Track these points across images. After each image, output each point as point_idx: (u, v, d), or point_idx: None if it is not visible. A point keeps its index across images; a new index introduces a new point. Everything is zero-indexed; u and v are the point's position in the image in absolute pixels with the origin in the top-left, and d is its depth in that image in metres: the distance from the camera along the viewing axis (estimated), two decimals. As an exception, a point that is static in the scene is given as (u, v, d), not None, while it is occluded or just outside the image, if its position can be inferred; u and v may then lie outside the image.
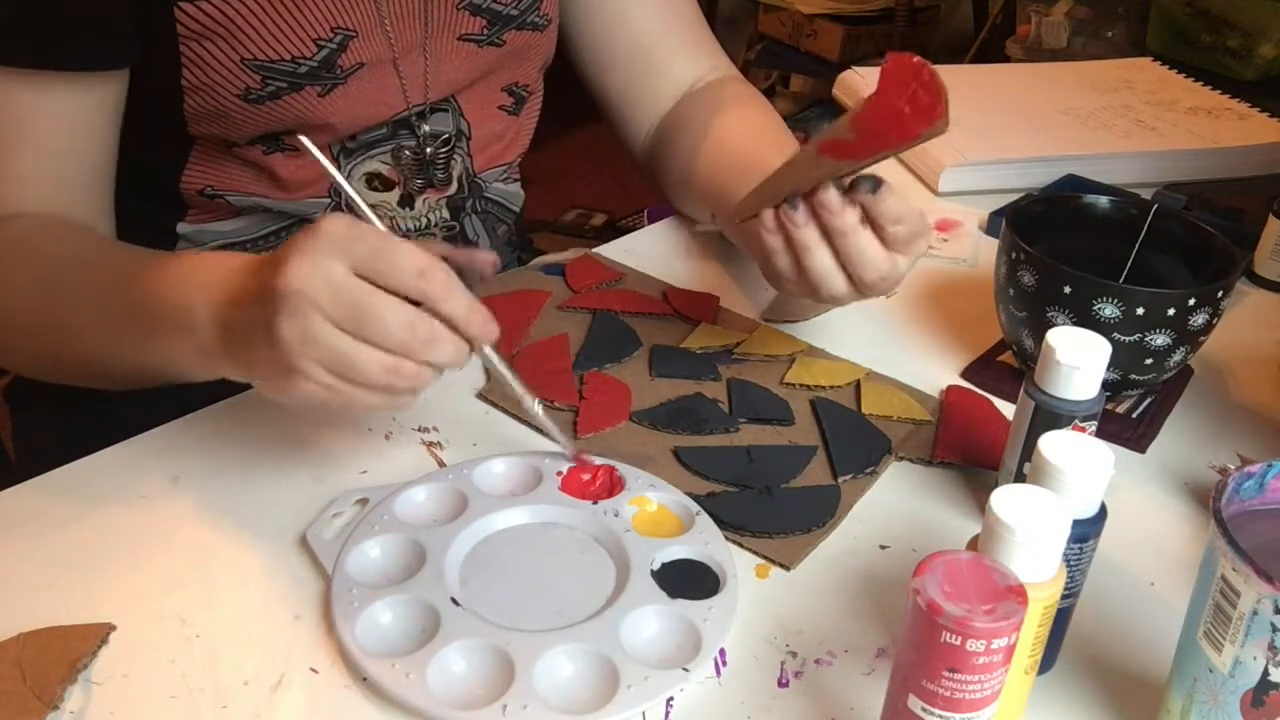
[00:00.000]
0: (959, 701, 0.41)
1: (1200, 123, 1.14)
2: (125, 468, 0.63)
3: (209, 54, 0.67)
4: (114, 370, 0.65)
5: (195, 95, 0.69)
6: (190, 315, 0.56)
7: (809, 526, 0.60)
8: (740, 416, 0.69)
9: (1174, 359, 0.67)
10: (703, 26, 0.93)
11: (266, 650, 0.52)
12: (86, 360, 0.65)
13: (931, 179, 1.04)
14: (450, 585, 0.54)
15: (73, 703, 0.49)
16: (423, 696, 0.48)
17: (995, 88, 1.22)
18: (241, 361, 0.55)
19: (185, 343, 0.57)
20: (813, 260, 0.64)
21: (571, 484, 0.62)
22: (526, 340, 0.75)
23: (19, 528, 0.59)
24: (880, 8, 2.73)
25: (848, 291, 0.65)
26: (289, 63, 0.69)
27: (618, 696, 0.49)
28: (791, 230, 0.64)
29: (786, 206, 0.63)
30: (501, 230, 0.94)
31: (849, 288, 0.65)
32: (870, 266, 0.63)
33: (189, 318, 0.56)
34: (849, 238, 0.63)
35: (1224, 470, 0.68)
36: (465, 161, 0.83)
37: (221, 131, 0.71)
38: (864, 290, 0.65)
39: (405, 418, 0.68)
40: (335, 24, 0.70)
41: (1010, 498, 0.44)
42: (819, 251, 0.64)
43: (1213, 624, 0.43)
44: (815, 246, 0.64)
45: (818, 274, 0.64)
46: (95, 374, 0.67)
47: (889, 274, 0.64)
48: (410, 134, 0.79)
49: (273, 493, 0.62)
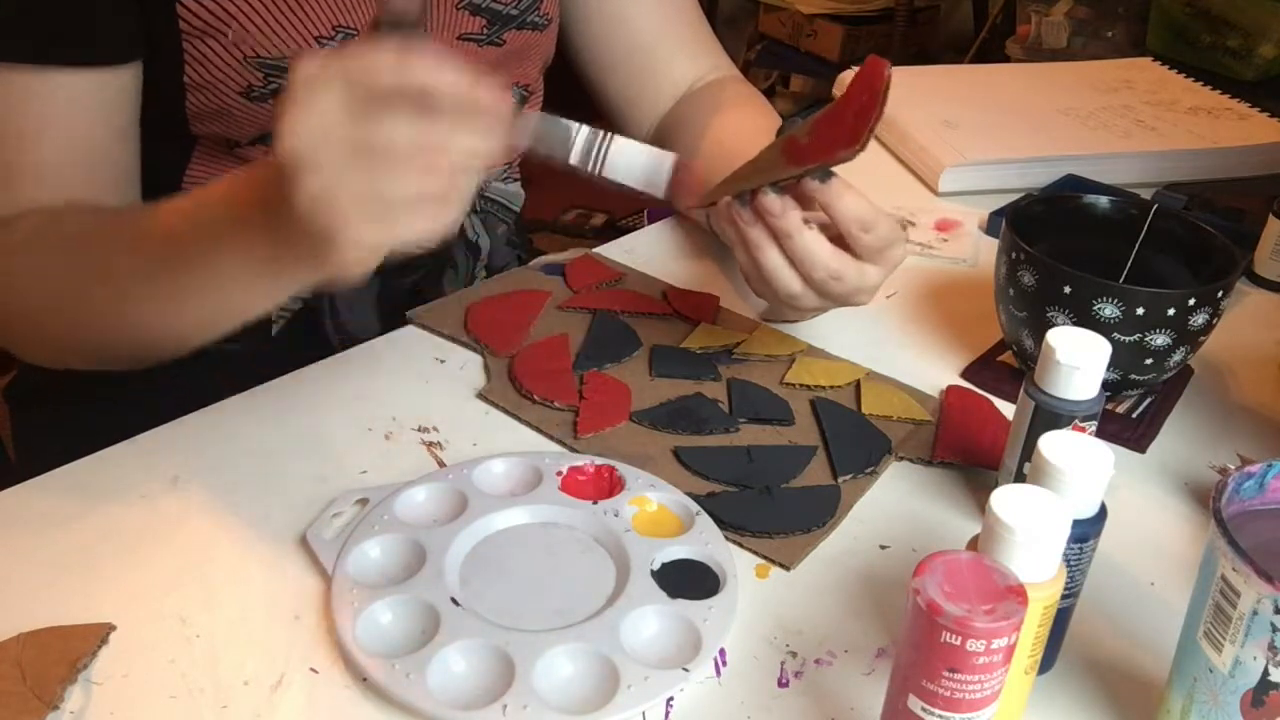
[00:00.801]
0: (959, 701, 0.41)
1: (1200, 123, 1.14)
2: (125, 468, 0.63)
3: (211, 51, 0.67)
4: (171, 332, 0.63)
5: (197, 93, 0.69)
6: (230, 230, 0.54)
7: (809, 526, 0.60)
8: (740, 416, 0.69)
9: (1174, 359, 0.67)
10: (703, 26, 0.93)
11: (266, 650, 0.52)
12: (141, 332, 0.63)
13: (931, 179, 1.04)
14: (450, 585, 0.54)
15: (73, 703, 0.49)
16: (423, 696, 0.48)
17: (995, 88, 1.22)
18: (288, 252, 0.52)
19: (237, 261, 0.55)
20: (763, 257, 0.65)
21: (571, 484, 0.62)
22: (526, 340, 0.75)
23: (19, 528, 0.59)
24: (880, 8, 2.73)
25: (803, 291, 0.65)
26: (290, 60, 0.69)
27: (618, 696, 0.49)
28: (741, 227, 0.64)
29: (736, 203, 0.64)
30: (501, 230, 0.94)
31: (803, 287, 0.65)
32: (818, 265, 0.63)
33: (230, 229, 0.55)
34: (793, 239, 0.63)
35: (1224, 470, 0.68)
36: None
37: (223, 130, 0.71)
38: (821, 292, 0.65)
39: (405, 418, 0.68)
40: (336, 22, 0.70)
41: (1010, 498, 0.44)
42: (768, 250, 0.64)
43: (1213, 624, 0.43)
44: (764, 245, 0.64)
45: (769, 271, 0.65)
46: (152, 344, 0.65)
47: (841, 274, 0.64)
48: None
49: (273, 493, 0.62)
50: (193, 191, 0.58)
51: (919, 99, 1.16)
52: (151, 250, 0.60)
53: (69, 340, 0.67)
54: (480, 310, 0.78)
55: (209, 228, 0.56)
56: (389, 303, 0.85)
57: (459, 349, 0.75)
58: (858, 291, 0.66)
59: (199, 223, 0.57)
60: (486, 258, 0.94)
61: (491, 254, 0.94)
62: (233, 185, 0.55)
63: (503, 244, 0.96)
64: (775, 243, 0.64)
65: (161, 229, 0.59)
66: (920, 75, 1.26)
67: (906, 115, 1.12)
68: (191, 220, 0.57)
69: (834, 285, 0.65)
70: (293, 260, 0.53)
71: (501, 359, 0.73)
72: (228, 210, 0.55)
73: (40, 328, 0.67)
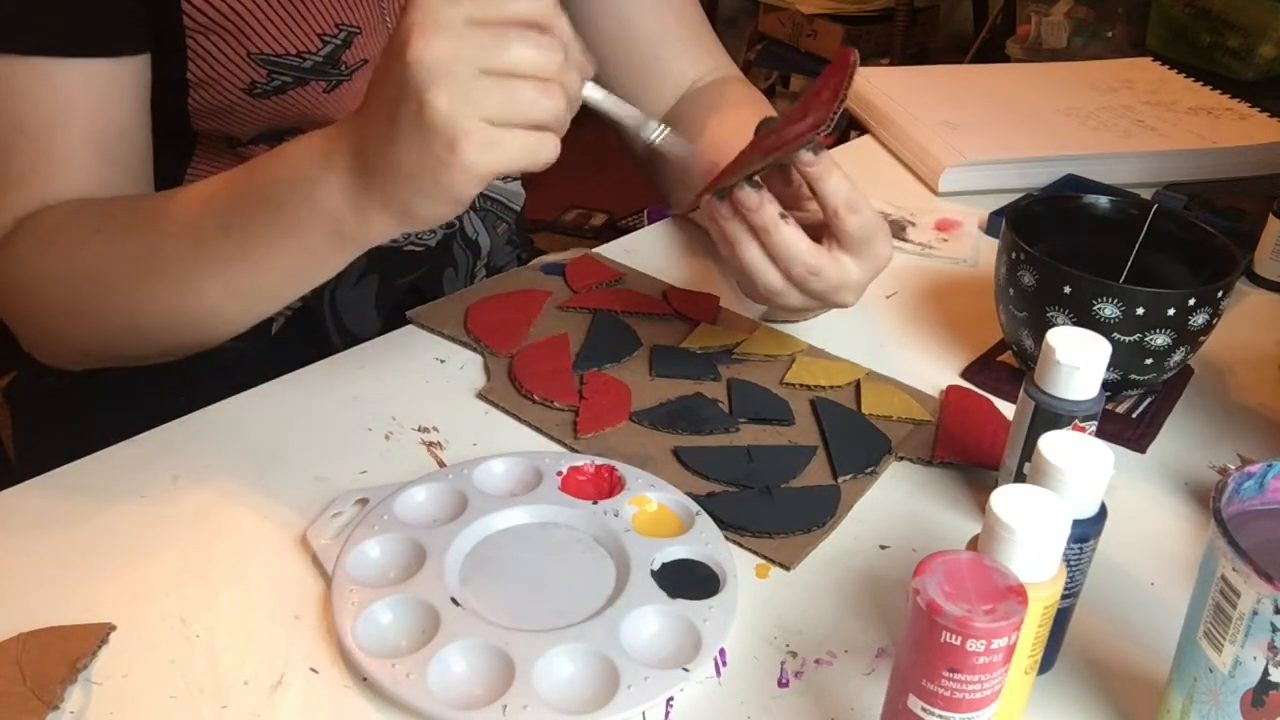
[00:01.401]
0: (959, 701, 0.41)
1: (1200, 123, 1.14)
2: (125, 468, 0.63)
3: (215, 48, 0.67)
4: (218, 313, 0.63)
5: (201, 90, 0.69)
6: (314, 170, 0.55)
7: (809, 526, 0.60)
8: (740, 416, 0.69)
9: (1174, 359, 0.67)
10: (704, 27, 0.93)
11: (266, 650, 0.52)
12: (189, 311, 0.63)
13: (931, 179, 1.04)
14: (450, 585, 0.54)
15: (73, 703, 0.49)
16: (423, 696, 0.48)
17: (995, 88, 1.22)
18: (386, 181, 0.53)
19: (315, 213, 0.55)
20: (743, 253, 0.64)
21: (571, 484, 0.62)
22: (526, 340, 0.75)
23: (19, 527, 0.59)
24: (880, 8, 2.73)
25: (785, 287, 0.65)
26: (294, 57, 0.69)
27: (618, 696, 0.49)
28: (721, 223, 0.64)
29: (714, 199, 0.63)
30: (502, 228, 0.94)
31: (784, 283, 0.65)
32: (795, 260, 0.63)
33: (316, 172, 0.55)
34: (770, 234, 0.63)
35: (1224, 470, 0.68)
36: None
37: (225, 128, 0.71)
38: (802, 288, 0.65)
39: (405, 418, 0.68)
40: (340, 20, 0.70)
41: (1010, 498, 0.44)
42: (749, 245, 0.64)
43: (1213, 624, 0.43)
44: (744, 240, 0.64)
45: (749, 267, 0.64)
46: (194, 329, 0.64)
47: (819, 269, 0.63)
48: None
49: (273, 493, 0.62)
50: (269, 155, 0.58)
51: (919, 99, 1.16)
52: (208, 224, 0.59)
53: (104, 334, 0.66)
54: (480, 310, 0.78)
55: (280, 188, 0.56)
56: (389, 303, 0.85)
57: (459, 349, 0.75)
58: (839, 289, 0.65)
59: (267, 184, 0.57)
60: (486, 257, 0.94)
61: (491, 253, 0.94)
62: (303, 143, 0.56)
63: (503, 243, 0.96)
64: (755, 238, 0.64)
65: (217, 201, 0.59)
66: (920, 75, 1.26)
67: (906, 115, 1.12)
68: (252, 187, 0.57)
69: (813, 281, 0.64)
70: (379, 204, 0.54)
71: (501, 359, 0.73)
72: (305, 163, 0.55)
73: (76, 320, 0.66)
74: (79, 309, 0.65)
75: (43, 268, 0.64)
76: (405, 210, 0.54)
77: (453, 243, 0.90)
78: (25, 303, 0.67)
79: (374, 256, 0.82)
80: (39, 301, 0.66)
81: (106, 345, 0.67)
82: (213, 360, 0.70)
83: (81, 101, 0.64)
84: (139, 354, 0.67)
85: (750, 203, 0.62)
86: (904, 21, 2.66)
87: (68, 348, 0.70)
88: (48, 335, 0.69)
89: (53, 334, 0.68)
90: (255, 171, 0.58)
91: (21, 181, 0.64)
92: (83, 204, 0.64)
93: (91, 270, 0.63)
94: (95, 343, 0.67)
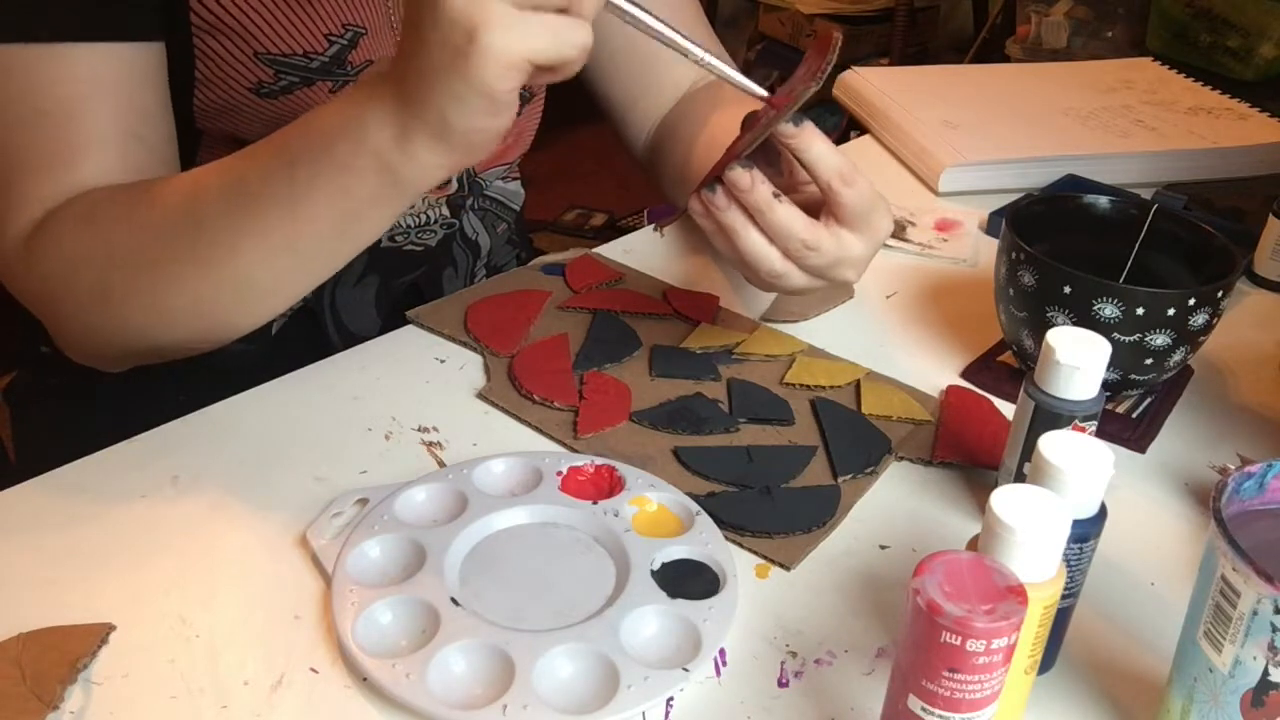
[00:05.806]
0: (959, 701, 0.41)
1: (1200, 123, 1.14)
2: (125, 468, 0.63)
3: (222, 47, 0.67)
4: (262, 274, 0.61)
5: (207, 89, 0.69)
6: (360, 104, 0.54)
7: (809, 526, 0.60)
8: (740, 416, 0.69)
9: (1174, 359, 0.67)
10: (704, 27, 0.93)
11: (266, 650, 0.52)
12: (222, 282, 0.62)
13: (931, 179, 1.04)
14: (450, 585, 0.54)
15: (73, 703, 0.49)
16: (423, 696, 0.48)
17: (995, 88, 1.22)
18: (420, 91, 0.52)
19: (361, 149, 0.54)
20: (742, 240, 0.63)
21: (571, 484, 0.62)
22: (526, 340, 0.75)
23: (19, 528, 0.59)
24: (880, 8, 2.73)
25: (786, 268, 0.64)
26: (301, 57, 0.69)
27: (618, 696, 0.49)
28: (716, 215, 0.63)
29: (707, 191, 0.63)
30: (501, 228, 0.94)
31: (786, 264, 0.63)
32: (793, 236, 0.62)
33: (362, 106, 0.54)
34: (765, 214, 0.62)
35: (1224, 470, 0.68)
36: None
37: (231, 127, 0.71)
38: (802, 265, 0.64)
39: (405, 417, 0.68)
40: (346, 21, 0.70)
41: (1010, 498, 0.44)
42: (748, 230, 0.63)
43: (1213, 624, 0.43)
44: (742, 226, 0.63)
45: (750, 253, 0.63)
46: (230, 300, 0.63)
47: (817, 244, 0.62)
48: None
49: (273, 493, 0.62)
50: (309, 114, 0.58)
51: (919, 99, 1.16)
52: (251, 174, 0.59)
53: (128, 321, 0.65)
54: (480, 310, 0.78)
55: (330, 124, 0.55)
56: (389, 303, 0.85)
57: (459, 349, 0.75)
58: (839, 263, 0.64)
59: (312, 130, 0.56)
60: (486, 257, 0.94)
61: (491, 253, 0.94)
62: (348, 90, 0.56)
63: (503, 243, 0.96)
64: (752, 223, 0.63)
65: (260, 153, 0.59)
66: (920, 75, 1.26)
67: (906, 115, 1.12)
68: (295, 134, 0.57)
69: (812, 256, 0.63)
70: (419, 123, 0.52)
71: (501, 359, 0.73)
72: (352, 102, 0.54)
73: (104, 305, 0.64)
74: (105, 292, 0.64)
75: (74, 251, 0.63)
76: (444, 124, 0.52)
77: (452, 243, 0.90)
78: (56, 289, 0.65)
79: (374, 256, 0.83)
80: (70, 288, 0.64)
81: (130, 335, 0.66)
82: (213, 360, 0.70)
83: (107, 84, 0.63)
84: (162, 343, 0.66)
85: (742, 183, 0.61)
86: (904, 21, 2.66)
87: (94, 340, 0.68)
88: (76, 326, 0.68)
89: (81, 324, 0.67)
90: (299, 123, 0.57)
91: (49, 169, 0.64)
92: (114, 189, 0.64)
93: (120, 250, 0.62)
94: (119, 331, 0.66)
